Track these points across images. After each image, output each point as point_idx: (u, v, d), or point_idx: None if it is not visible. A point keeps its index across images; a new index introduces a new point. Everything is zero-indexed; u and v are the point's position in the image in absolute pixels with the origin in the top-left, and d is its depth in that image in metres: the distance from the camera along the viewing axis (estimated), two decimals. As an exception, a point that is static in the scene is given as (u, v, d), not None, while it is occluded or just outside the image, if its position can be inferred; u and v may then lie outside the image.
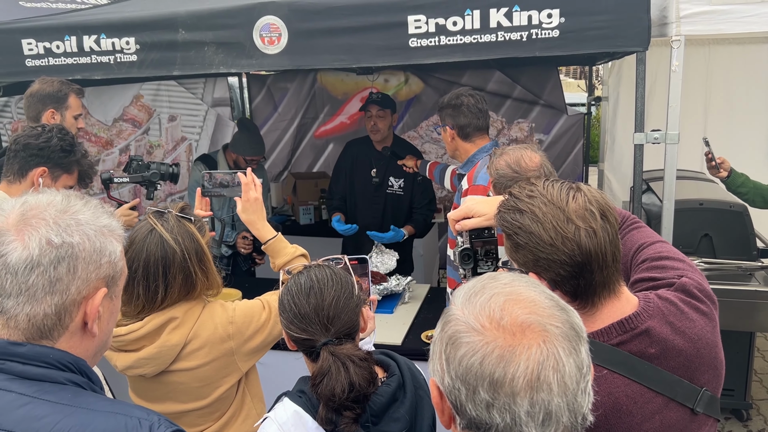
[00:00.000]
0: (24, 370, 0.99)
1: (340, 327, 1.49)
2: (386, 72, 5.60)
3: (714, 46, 4.93)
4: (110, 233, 1.09)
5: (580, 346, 0.86)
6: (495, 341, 0.83)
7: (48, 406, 0.97)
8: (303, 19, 2.74)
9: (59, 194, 1.08)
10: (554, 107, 5.37)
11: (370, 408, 1.45)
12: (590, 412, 0.87)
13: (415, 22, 2.63)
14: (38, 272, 0.99)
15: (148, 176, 2.94)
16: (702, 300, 1.31)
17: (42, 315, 1.01)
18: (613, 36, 2.49)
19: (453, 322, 0.89)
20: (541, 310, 0.86)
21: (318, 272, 1.55)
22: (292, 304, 1.52)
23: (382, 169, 4.11)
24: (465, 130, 2.98)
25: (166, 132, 5.56)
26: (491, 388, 0.82)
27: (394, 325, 3.21)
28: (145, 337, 1.79)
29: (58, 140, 2.34)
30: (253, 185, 2.13)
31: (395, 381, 1.52)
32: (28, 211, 1.03)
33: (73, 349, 1.05)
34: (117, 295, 1.13)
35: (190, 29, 2.87)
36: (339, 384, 1.39)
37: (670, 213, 2.67)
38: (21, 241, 1.00)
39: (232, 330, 1.87)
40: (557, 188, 1.25)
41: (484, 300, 0.88)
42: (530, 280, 0.94)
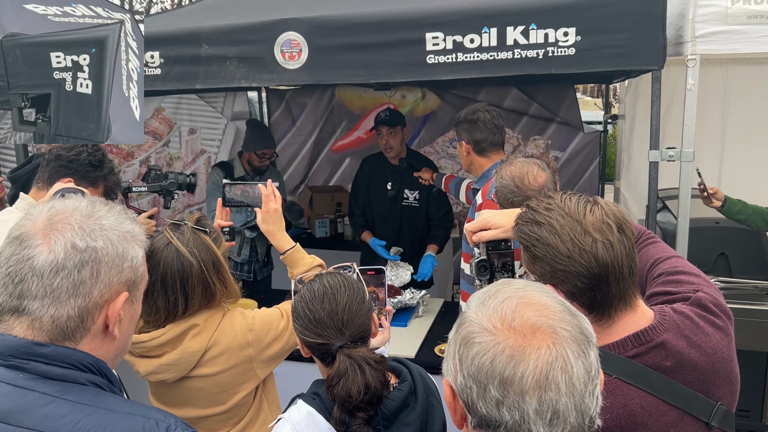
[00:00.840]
0: (47, 370, 1.02)
1: (354, 331, 1.54)
2: (403, 88, 5.65)
3: (731, 65, 4.93)
4: (132, 239, 1.12)
5: (589, 350, 0.89)
6: (506, 341, 0.87)
7: (69, 406, 0.99)
8: (323, 35, 2.80)
9: (84, 200, 1.12)
10: (570, 124, 5.39)
11: (381, 412, 1.48)
12: (599, 416, 0.89)
13: (433, 39, 2.67)
14: (63, 275, 1.03)
15: (165, 186, 3.01)
16: (717, 315, 1.32)
17: (65, 317, 1.04)
18: (628, 54, 2.52)
19: (467, 324, 0.92)
20: (551, 314, 0.90)
21: (330, 279, 1.60)
22: (306, 311, 1.55)
23: (397, 182, 4.15)
24: (480, 145, 3.00)
25: (185, 144, 5.65)
26: (501, 386, 0.85)
27: (407, 338, 3.23)
28: (166, 344, 1.83)
29: (87, 155, 2.43)
30: (273, 196, 2.18)
31: (407, 387, 1.55)
32: (54, 216, 1.07)
33: (95, 351, 1.08)
34: (138, 299, 1.16)
35: (213, 44, 2.93)
36: (355, 385, 1.42)
37: (685, 231, 2.67)
38: (47, 244, 1.04)
39: (252, 337, 1.90)
40: (575, 201, 1.27)
41: (497, 303, 0.92)
42: (542, 287, 0.97)
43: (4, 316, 1.05)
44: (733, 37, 2.49)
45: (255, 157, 4.12)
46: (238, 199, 2.29)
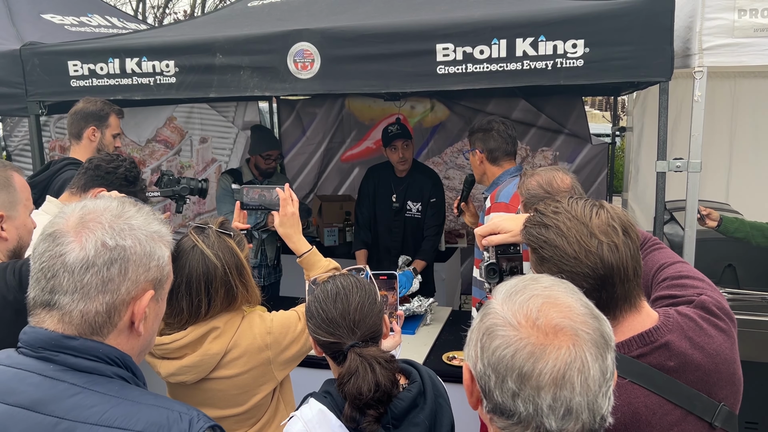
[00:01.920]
0: (76, 362, 1.06)
1: (365, 330, 1.57)
2: (412, 99, 5.71)
3: (739, 79, 4.95)
4: (160, 239, 1.16)
5: (606, 353, 0.92)
6: (528, 338, 0.91)
7: (97, 397, 1.03)
8: (335, 45, 2.85)
9: (115, 201, 1.16)
10: (578, 136, 5.41)
11: (391, 411, 1.51)
12: (610, 415, 0.93)
13: (443, 50, 2.72)
14: (93, 272, 1.06)
15: (178, 190, 3.06)
16: (721, 317, 1.34)
17: (94, 312, 1.07)
18: (636, 66, 2.55)
19: (492, 315, 0.96)
20: (575, 316, 0.93)
21: (343, 280, 1.65)
22: (320, 310, 1.59)
23: (401, 194, 4.20)
24: (494, 153, 3.08)
25: (197, 153, 5.71)
26: (519, 379, 0.89)
27: (415, 346, 3.25)
28: (187, 346, 1.86)
29: (125, 170, 2.48)
30: (290, 200, 2.21)
31: (416, 387, 1.58)
32: (86, 215, 1.11)
33: (120, 346, 1.12)
34: (162, 298, 1.20)
35: (227, 54, 2.99)
36: (366, 383, 1.45)
37: (692, 241, 2.69)
38: (79, 242, 1.08)
39: (270, 340, 1.93)
40: (581, 205, 1.31)
41: (524, 299, 0.95)
42: (569, 286, 1.00)
43: (36, 309, 1.09)
44: (740, 49, 2.52)
45: (261, 160, 4.23)
46: (256, 202, 2.32)
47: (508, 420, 0.91)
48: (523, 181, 2.23)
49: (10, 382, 1.04)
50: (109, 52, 3.17)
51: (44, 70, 3.29)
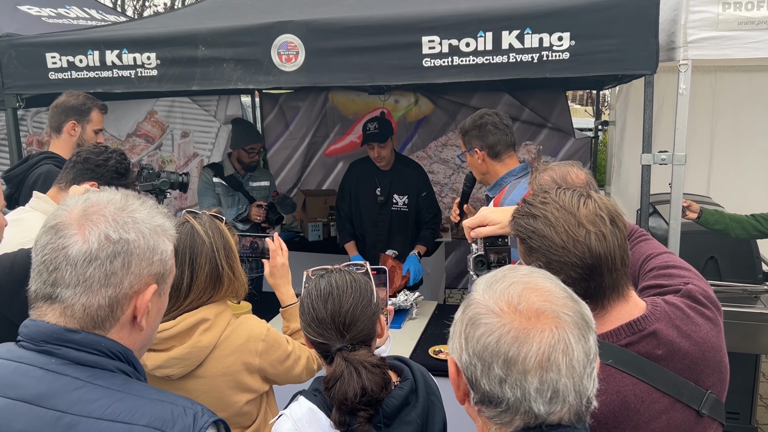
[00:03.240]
0: (78, 356, 1.04)
1: (355, 334, 1.53)
2: (396, 93, 5.69)
3: (720, 73, 5.00)
4: (163, 233, 1.14)
5: (588, 334, 0.94)
6: (511, 323, 0.92)
7: (100, 391, 1.02)
8: (320, 38, 2.82)
9: (119, 193, 1.14)
10: (562, 130, 5.44)
11: (382, 410, 1.48)
12: (595, 398, 0.93)
13: (429, 42, 2.70)
14: (95, 265, 1.05)
15: (158, 184, 3.01)
16: (707, 306, 1.36)
17: (96, 306, 1.06)
18: (622, 59, 2.56)
19: (474, 305, 0.97)
20: (555, 299, 0.95)
21: (338, 278, 1.59)
22: (310, 308, 1.56)
23: (386, 187, 4.18)
24: (495, 148, 2.87)
25: (178, 148, 5.65)
26: (505, 365, 0.90)
27: (401, 340, 3.24)
28: (176, 337, 1.82)
29: (115, 162, 2.41)
30: (280, 251, 2.20)
31: (408, 385, 1.56)
32: (89, 208, 1.09)
33: (122, 340, 1.10)
34: (165, 293, 1.18)
35: (210, 46, 2.95)
36: (351, 388, 1.43)
37: (677, 233, 2.71)
38: (81, 235, 1.06)
39: (262, 347, 1.91)
40: (569, 195, 1.31)
41: (504, 287, 0.96)
42: (547, 274, 1.02)
43: (37, 302, 1.08)
44: (724, 42, 2.53)
45: (244, 154, 4.21)
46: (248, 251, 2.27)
47: (497, 408, 0.92)
48: (535, 176, 2.16)
49: (11, 376, 1.03)
50: (88, 44, 3.11)
51: (21, 62, 3.22)
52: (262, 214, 4.19)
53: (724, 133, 5.10)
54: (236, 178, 4.29)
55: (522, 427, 0.91)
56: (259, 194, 4.39)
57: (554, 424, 0.91)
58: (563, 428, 0.90)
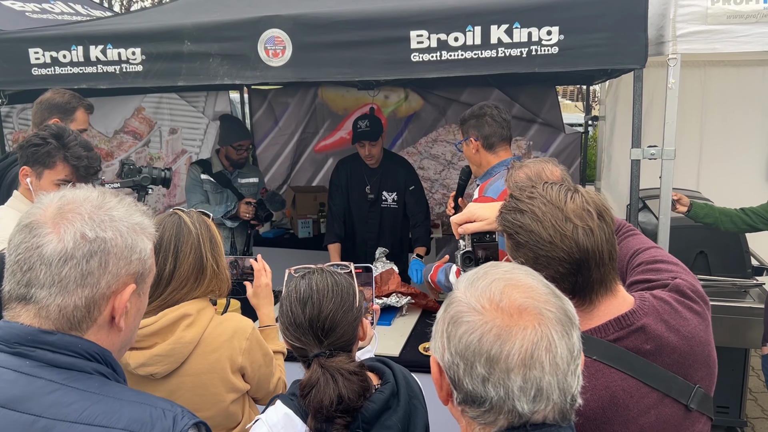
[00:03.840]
0: (53, 358, 1.01)
1: (334, 339, 1.49)
2: (386, 88, 5.66)
3: (709, 68, 5.01)
4: (142, 231, 1.11)
5: (572, 331, 0.92)
6: (493, 321, 0.90)
7: (76, 394, 0.99)
8: (307, 32, 2.79)
9: (96, 191, 1.11)
10: (552, 126, 5.43)
11: (362, 415, 1.44)
12: (580, 395, 0.92)
13: (417, 37, 2.68)
14: (71, 265, 1.02)
15: (139, 180, 2.96)
16: (695, 300, 1.35)
17: (72, 307, 1.03)
18: (611, 53, 2.55)
19: (455, 304, 0.95)
20: (538, 296, 0.93)
21: (319, 280, 1.54)
22: (289, 312, 1.51)
23: (375, 185, 4.16)
24: (490, 140, 2.91)
25: (166, 144, 5.60)
26: (488, 363, 0.88)
27: (392, 336, 3.22)
28: (158, 334, 1.79)
29: (32, 136, 2.29)
30: (263, 271, 2.20)
31: (389, 389, 1.51)
32: (65, 206, 1.06)
33: (100, 342, 1.08)
34: (145, 292, 1.16)
35: (196, 41, 2.91)
36: (327, 396, 1.39)
37: (666, 228, 2.71)
38: (57, 233, 1.03)
39: (246, 345, 1.88)
40: (556, 190, 1.30)
41: (486, 284, 0.95)
42: (529, 270, 1.00)
43: (11, 303, 1.05)
44: (713, 36, 2.52)
45: (232, 151, 4.18)
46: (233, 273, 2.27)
47: (480, 408, 0.90)
48: (511, 173, 2.17)
49: None
50: (72, 39, 3.06)
51: (4, 57, 3.17)
52: (251, 211, 4.16)
53: (713, 128, 5.11)
54: (225, 175, 4.25)
55: (506, 426, 0.90)
56: (247, 191, 4.36)
57: (538, 423, 0.89)
58: (548, 427, 0.89)
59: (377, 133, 3.97)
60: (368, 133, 3.93)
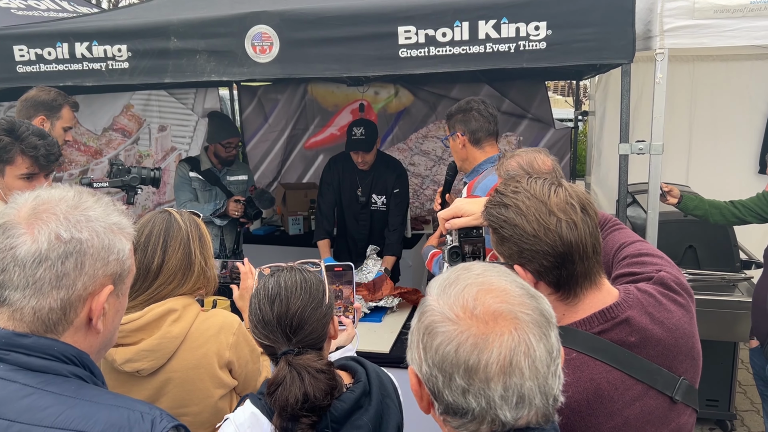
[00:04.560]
0: (28, 361, 1.00)
1: (303, 337, 1.47)
2: (376, 84, 5.65)
3: (698, 63, 5.03)
4: (120, 231, 1.10)
5: (549, 331, 0.90)
6: (469, 330, 0.87)
7: (51, 398, 0.97)
8: (295, 28, 2.77)
9: (71, 190, 1.09)
10: (542, 121, 5.44)
11: (331, 414, 1.43)
12: (562, 394, 0.91)
13: (405, 32, 2.67)
14: (46, 266, 1.00)
15: (128, 180, 2.93)
16: (679, 293, 1.36)
17: (47, 309, 1.01)
18: (599, 48, 2.55)
19: (429, 313, 0.93)
20: (512, 299, 0.91)
21: (288, 278, 1.53)
22: (257, 309, 1.50)
23: (366, 188, 4.14)
24: (476, 134, 2.89)
25: (155, 142, 5.57)
26: (466, 374, 0.86)
27: (382, 333, 3.22)
28: (144, 329, 1.78)
29: None
30: (250, 274, 2.20)
31: (360, 388, 1.50)
32: (39, 206, 1.04)
33: (77, 344, 1.06)
34: (123, 293, 1.14)
35: (182, 37, 2.89)
36: (292, 394, 1.37)
37: (655, 222, 2.71)
38: (30, 234, 1.01)
39: (233, 340, 1.87)
40: (540, 184, 1.30)
41: (458, 290, 0.92)
42: (502, 270, 0.98)
43: None
44: (700, 31, 2.53)
45: (221, 148, 4.15)
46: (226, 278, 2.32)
47: (462, 419, 0.89)
48: (502, 162, 2.17)
49: None
50: (57, 35, 3.03)
51: (-12, 55, 3.13)
52: (240, 209, 4.14)
53: (702, 123, 5.13)
54: (213, 173, 4.23)
55: None
56: (237, 189, 4.34)
57: (522, 428, 0.88)
58: (530, 431, 0.88)
59: (372, 142, 3.90)
60: (363, 143, 3.87)
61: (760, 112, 5.01)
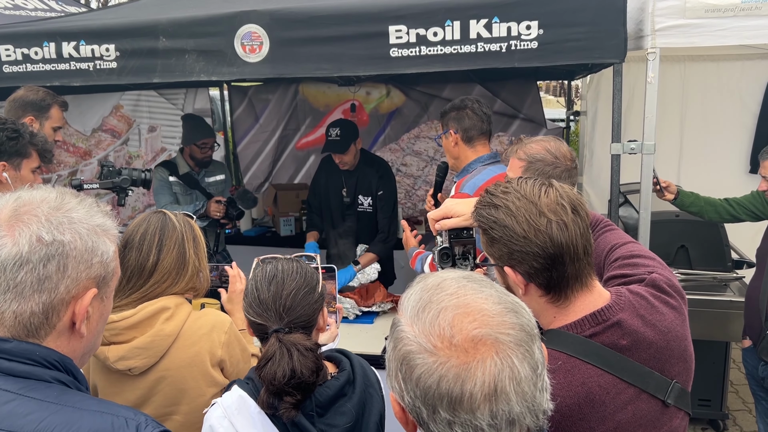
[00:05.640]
0: (9, 366, 0.98)
1: (294, 318, 1.55)
2: (368, 84, 5.63)
3: (689, 63, 5.04)
4: (104, 233, 1.07)
5: (533, 346, 0.86)
6: (449, 361, 0.83)
7: (33, 404, 0.95)
8: (285, 27, 2.75)
9: (54, 191, 1.07)
10: (534, 121, 5.43)
11: (316, 399, 1.49)
12: (550, 402, 0.87)
13: (396, 32, 2.65)
14: (27, 269, 0.98)
15: (118, 182, 2.91)
16: (671, 295, 1.34)
17: (29, 313, 0.99)
18: (590, 48, 2.54)
19: (404, 341, 0.88)
20: (490, 320, 0.85)
21: (285, 264, 1.62)
22: (254, 289, 1.58)
23: (351, 188, 4.09)
24: (469, 133, 2.89)
25: (145, 142, 5.53)
26: (450, 406, 0.82)
27: (375, 335, 3.20)
28: (136, 327, 1.79)
29: (0, 131, 2.30)
30: (239, 278, 2.28)
31: (344, 376, 1.57)
32: (20, 207, 1.02)
33: (60, 348, 1.04)
34: (108, 296, 1.11)
35: (171, 37, 2.86)
36: (281, 369, 1.43)
37: (647, 222, 2.71)
38: (11, 237, 0.99)
39: (225, 339, 1.89)
40: (530, 184, 1.29)
41: (433, 317, 0.86)
42: (477, 282, 0.92)
43: None
44: (691, 30, 2.52)
45: (196, 149, 4.12)
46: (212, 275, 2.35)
47: None
48: (522, 146, 2.14)
49: None
50: (44, 35, 3.00)
51: (-26, 54, 3.09)
52: (221, 209, 4.08)
53: (694, 122, 5.14)
54: (192, 176, 4.17)
55: None
56: (215, 189, 4.29)
57: None
58: None
59: (346, 143, 3.84)
60: (336, 144, 3.82)
61: (751, 111, 5.02)
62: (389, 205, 4.10)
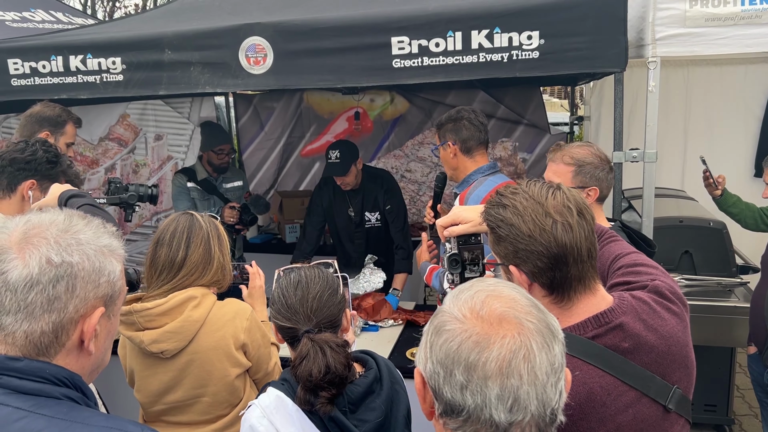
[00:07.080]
0: (21, 384, 1.00)
1: (321, 319, 1.65)
2: (371, 92, 5.66)
3: (692, 67, 5.04)
4: (110, 253, 1.10)
5: (553, 343, 0.92)
6: (473, 328, 0.91)
7: (44, 420, 0.97)
8: (288, 39, 2.78)
9: (62, 213, 1.10)
10: (537, 126, 5.44)
11: (347, 396, 1.58)
12: (562, 412, 0.92)
13: (398, 43, 2.68)
14: (37, 290, 1.01)
15: (125, 198, 2.92)
16: (673, 301, 1.37)
17: (39, 332, 1.02)
18: (591, 57, 2.56)
19: (440, 315, 0.98)
20: (519, 307, 0.94)
21: (307, 271, 1.74)
22: (281, 296, 1.69)
23: (357, 206, 4.06)
24: (467, 143, 2.87)
25: (152, 151, 5.57)
26: (466, 370, 0.89)
27: (380, 342, 3.23)
28: (167, 314, 2.03)
29: (43, 152, 2.37)
30: (258, 275, 2.49)
31: (372, 374, 1.65)
32: (30, 230, 1.05)
33: (69, 366, 1.06)
34: (115, 314, 1.14)
35: (176, 49, 2.90)
36: (316, 366, 1.52)
37: (650, 230, 2.72)
38: (22, 259, 1.02)
39: (247, 324, 2.13)
40: (539, 186, 1.33)
41: (469, 295, 0.97)
42: (513, 285, 1.03)
43: None
44: (691, 39, 2.54)
45: (214, 155, 4.19)
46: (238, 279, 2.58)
47: (459, 417, 0.91)
48: (560, 152, 2.27)
49: None
50: (51, 49, 3.04)
51: (-18, 68, 3.14)
52: (235, 215, 4.11)
53: (697, 127, 5.15)
54: (210, 182, 4.24)
55: None
56: (233, 195, 4.35)
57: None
58: None
59: (346, 165, 3.80)
60: (336, 167, 3.79)
61: (755, 115, 5.02)
62: (400, 218, 4.07)
